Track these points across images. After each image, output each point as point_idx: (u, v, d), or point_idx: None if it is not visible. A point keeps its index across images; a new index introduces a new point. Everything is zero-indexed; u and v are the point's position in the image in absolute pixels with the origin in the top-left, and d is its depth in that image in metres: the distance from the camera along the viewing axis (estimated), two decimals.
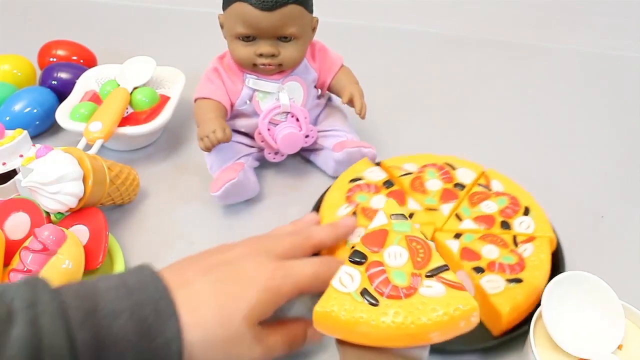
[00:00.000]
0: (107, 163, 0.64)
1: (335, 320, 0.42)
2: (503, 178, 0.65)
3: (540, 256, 0.56)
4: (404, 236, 0.46)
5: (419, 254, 0.45)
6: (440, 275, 0.44)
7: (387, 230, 0.47)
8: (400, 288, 0.43)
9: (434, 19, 1.13)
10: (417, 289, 0.42)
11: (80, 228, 0.60)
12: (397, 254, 0.45)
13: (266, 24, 0.62)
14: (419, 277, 0.43)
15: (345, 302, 0.42)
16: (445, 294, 0.42)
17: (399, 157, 0.69)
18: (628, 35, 1.08)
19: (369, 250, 0.45)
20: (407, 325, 0.41)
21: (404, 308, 0.41)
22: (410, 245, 0.46)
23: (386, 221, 0.47)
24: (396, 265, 0.44)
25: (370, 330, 0.41)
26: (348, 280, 0.44)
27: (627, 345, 0.48)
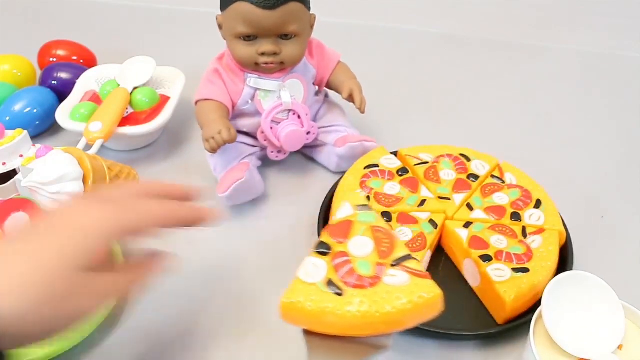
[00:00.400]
0: (107, 163, 0.64)
1: (302, 311, 0.42)
2: (517, 171, 0.67)
3: (548, 248, 0.57)
4: (369, 226, 0.46)
5: (384, 244, 0.45)
6: (404, 264, 0.44)
7: (352, 221, 0.47)
8: (365, 277, 0.43)
9: (434, 18, 1.13)
10: (382, 278, 0.43)
11: None
12: (362, 244, 0.45)
13: (268, 23, 0.62)
14: (384, 267, 0.44)
15: (311, 292, 0.42)
16: (409, 282, 0.43)
17: (415, 147, 0.70)
18: (628, 35, 1.08)
19: (334, 241, 0.46)
20: (372, 314, 0.41)
21: (369, 297, 0.42)
22: (375, 235, 0.46)
23: (352, 212, 0.48)
24: (361, 255, 0.45)
25: (336, 320, 0.41)
26: (314, 270, 0.44)
27: (627, 345, 0.48)
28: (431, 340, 0.56)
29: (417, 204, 0.63)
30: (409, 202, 0.63)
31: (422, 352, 0.55)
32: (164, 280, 0.61)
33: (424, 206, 0.63)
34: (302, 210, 0.69)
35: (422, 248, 0.58)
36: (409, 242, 0.58)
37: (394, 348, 0.55)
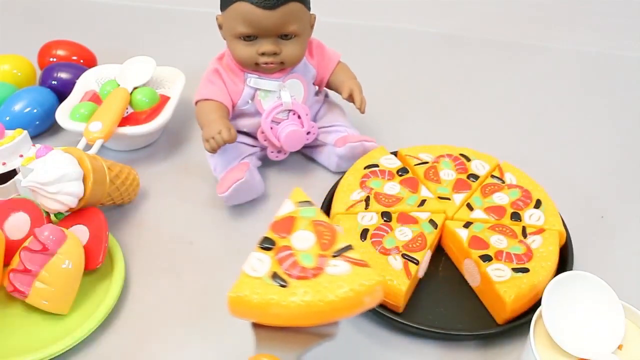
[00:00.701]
0: (107, 163, 0.64)
1: (248, 304, 0.43)
2: (517, 171, 0.67)
3: (548, 248, 0.58)
4: (311, 221, 0.48)
5: (325, 237, 0.47)
6: (345, 254, 0.45)
7: (295, 217, 0.48)
8: (308, 269, 0.44)
9: (434, 18, 1.13)
10: (324, 269, 0.44)
11: (81, 228, 0.60)
12: (304, 238, 0.47)
13: (268, 23, 0.62)
14: (326, 258, 0.45)
15: (256, 286, 0.43)
16: (351, 271, 0.44)
17: (415, 147, 0.70)
18: (628, 35, 1.08)
19: (277, 236, 0.47)
20: (315, 303, 0.42)
21: (312, 287, 0.43)
22: (317, 228, 0.47)
23: (293, 208, 0.49)
24: (303, 248, 0.46)
25: (282, 311, 0.43)
26: (258, 265, 0.45)
27: (627, 345, 0.48)
28: (431, 340, 0.56)
29: (417, 204, 0.63)
30: (409, 202, 0.63)
31: (422, 352, 0.55)
32: (162, 282, 0.61)
33: (424, 206, 0.63)
34: None
35: (422, 248, 0.58)
36: (409, 242, 0.58)
37: (394, 348, 0.55)
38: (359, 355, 0.55)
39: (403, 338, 0.56)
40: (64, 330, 0.55)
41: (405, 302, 0.57)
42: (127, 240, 0.65)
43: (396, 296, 0.55)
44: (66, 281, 0.55)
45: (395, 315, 0.56)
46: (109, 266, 0.61)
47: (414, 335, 0.56)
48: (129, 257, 0.63)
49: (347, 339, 0.56)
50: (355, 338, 0.56)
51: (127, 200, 0.69)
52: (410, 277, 0.55)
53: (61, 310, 0.56)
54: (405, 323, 0.55)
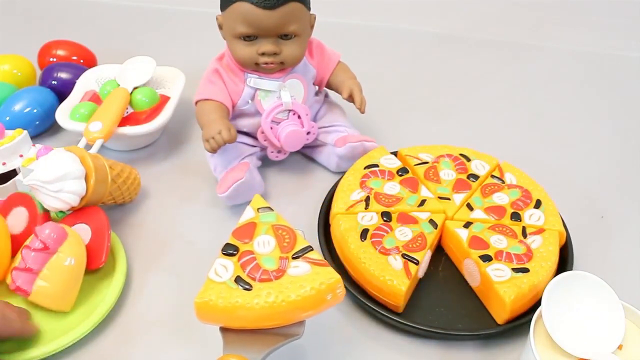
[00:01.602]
0: (108, 162, 0.64)
1: (214, 308, 0.45)
2: (517, 171, 0.67)
3: (548, 248, 0.58)
4: (271, 225, 0.50)
5: (285, 240, 0.49)
6: (305, 255, 0.47)
7: (255, 223, 0.50)
8: (270, 271, 0.46)
9: (434, 18, 1.13)
10: (286, 271, 0.46)
11: (83, 227, 0.60)
12: (265, 242, 0.49)
13: (268, 23, 0.62)
14: (287, 260, 0.47)
15: (221, 290, 0.45)
16: (311, 271, 0.46)
17: (415, 147, 0.70)
18: (628, 35, 1.08)
19: (240, 242, 0.49)
20: (278, 303, 0.44)
21: (275, 289, 0.45)
22: (277, 232, 0.49)
23: (254, 215, 0.51)
24: (265, 252, 0.48)
25: (247, 313, 0.44)
26: (222, 270, 0.47)
27: (627, 345, 0.48)
28: (431, 340, 0.56)
29: (417, 203, 0.63)
30: (409, 202, 0.63)
31: (422, 352, 0.55)
32: (162, 281, 0.61)
33: (424, 206, 0.63)
34: (302, 210, 0.69)
35: (422, 248, 0.58)
36: (409, 242, 0.58)
37: (394, 348, 0.55)
38: (359, 355, 0.55)
39: (403, 338, 0.56)
40: (66, 327, 0.55)
41: (405, 302, 0.57)
42: (127, 240, 0.65)
43: (396, 296, 0.55)
44: (68, 279, 0.55)
45: (395, 315, 0.56)
46: (112, 266, 0.61)
47: (414, 335, 0.56)
48: (129, 257, 0.63)
49: (347, 339, 0.56)
50: (356, 338, 0.56)
51: (129, 199, 0.69)
52: (410, 277, 0.55)
53: (63, 308, 0.56)
54: (405, 323, 0.55)
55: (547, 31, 1.10)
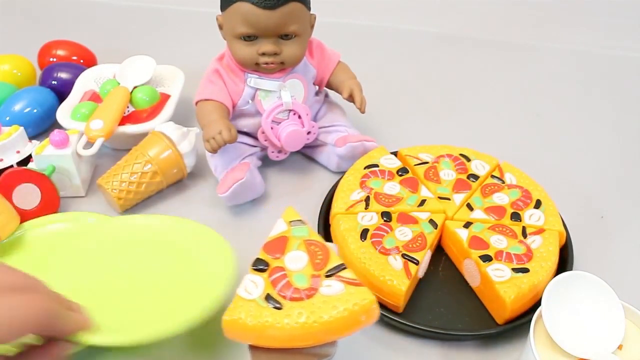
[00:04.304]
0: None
1: (244, 326, 0.43)
2: (517, 171, 0.67)
3: (548, 248, 0.58)
4: (303, 240, 0.48)
5: (318, 256, 0.47)
6: (338, 274, 0.45)
7: (287, 237, 0.48)
8: (302, 290, 0.44)
9: (434, 18, 1.13)
10: (318, 289, 0.44)
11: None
12: (297, 258, 0.47)
13: (268, 23, 0.62)
14: (319, 278, 0.45)
15: (251, 308, 0.44)
16: (344, 291, 0.44)
17: (415, 147, 0.70)
18: (628, 35, 1.08)
19: (270, 257, 0.47)
20: (310, 324, 0.42)
21: (306, 308, 0.43)
22: (309, 248, 0.47)
23: (286, 228, 0.49)
24: (297, 269, 0.46)
25: (277, 333, 0.43)
26: (252, 287, 0.45)
27: (627, 345, 0.48)
28: (431, 340, 0.56)
29: (417, 203, 0.63)
30: (409, 202, 0.63)
31: (422, 352, 0.55)
32: None
33: (424, 206, 0.63)
34: (302, 210, 0.68)
35: (422, 248, 0.58)
36: (409, 242, 0.58)
37: (394, 348, 0.55)
38: (359, 355, 0.55)
39: (403, 338, 0.56)
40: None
41: (405, 302, 0.57)
42: None
43: (396, 296, 0.55)
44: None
45: (395, 315, 0.56)
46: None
47: (414, 335, 0.56)
48: None
49: (347, 339, 0.56)
50: (355, 338, 0.56)
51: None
52: (410, 277, 0.55)
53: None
54: (405, 323, 0.55)
55: (547, 31, 1.10)
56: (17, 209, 0.65)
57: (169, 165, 0.69)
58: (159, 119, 0.75)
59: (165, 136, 0.69)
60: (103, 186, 0.68)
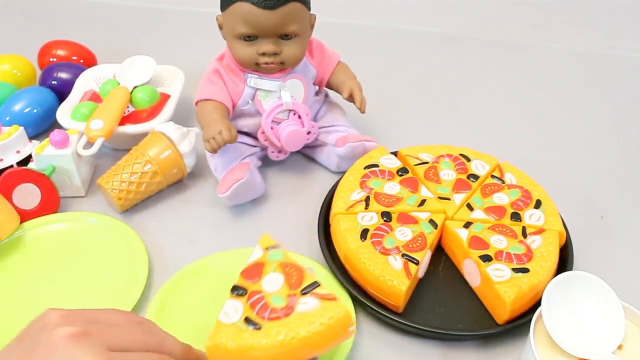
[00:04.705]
0: None
1: (226, 350, 0.44)
2: (517, 171, 0.67)
3: (548, 248, 0.58)
4: (279, 264, 0.50)
5: (293, 277, 0.48)
6: (313, 291, 0.47)
7: (263, 262, 0.50)
8: (279, 309, 0.46)
9: (434, 18, 1.13)
10: (294, 308, 0.46)
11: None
12: (273, 281, 0.48)
13: (268, 23, 0.62)
14: (295, 297, 0.47)
15: (231, 332, 0.45)
16: (320, 306, 0.46)
17: (415, 147, 0.70)
18: (628, 35, 1.08)
19: (248, 282, 0.49)
20: (289, 341, 0.44)
21: (284, 326, 0.45)
22: (285, 270, 0.49)
23: (262, 254, 0.51)
24: (273, 291, 0.48)
25: (259, 353, 0.44)
26: (232, 311, 0.47)
27: (627, 345, 0.48)
28: (431, 340, 0.56)
29: (417, 203, 0.63)
30: (409, 202, 0.63)
31: (422, 352, 0.55)
32: (163, 282, 0.61)
33: (424, 206, 0.63)
34: (302, 210, 0.69)
35: (422, 248, 0.58)
36: (409, 242, 0.58)
37: (394, 348, 0.55)
38: (359, 355, 0.55)
39: (403, 338, 0.56)
40: None
41: (405, 302, 0.57)
42: None
43: (396, 296, 0.55)
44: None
45: (395, 315, 0.56)
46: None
47: (414, 335, 0.56)
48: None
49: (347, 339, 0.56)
50: (356, 338, 0.56)
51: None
52: (410, 277, 0.55)
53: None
54: (405, 323, 0.55)
55: (548, 31, 1.10)
56: (17, 209, 0.65)
57: (169, 165, 0.69)
58: (159, 119, 0.75)
59: (165, 136, 0.69)
60: (103, 186, 0.68)
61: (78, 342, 0.35)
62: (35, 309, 0.54)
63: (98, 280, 0.61)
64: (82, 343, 0.35)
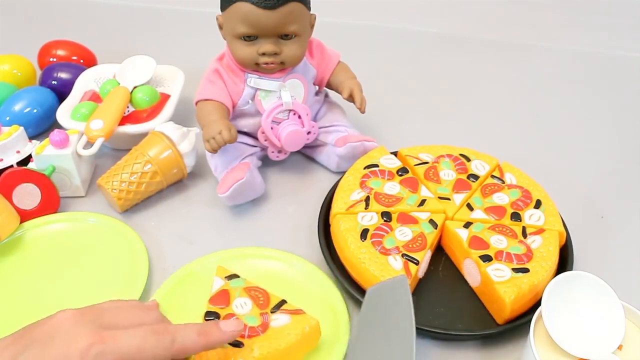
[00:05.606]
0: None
1: None
2: (517, 171, 0.67)
3: (548, 248, 0.58)
4: (242, 289, 0.55)
5: (260, 299, 0.54)
6: (282, 308, 0.53)
7: (227, 289, 0.55)
8: (256, 327, 0.51)
9: (434, 18, 1.13)
10: (269, 324, 0.51)
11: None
12: (242, 304, 0.53)
13: (268, 23, 0.62)
14: (267, 315, 0.52)
15: (216, 351, 0.48)
16: (291, 320, 0.51)
17: (415, 147, 0.70)
18: (628, 35, 1.08)
19: (218, 307, 0.53)
20: (271, 353, 0.49)
21: (264, 341, 0.49)
22: (250, 293, 0.54)
23: (223, 283, 0.55)
24: (245, 312, 0.52)
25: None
26: None
27: (627, 345, 0.48)
28: (431, 340, 0.56)
29: (417, 203, 0.63)
30: (409, 202, 0.63)
31: (422, 352, 0.55)
32: (163, 282, 0.61)
33: (423, 206, 0.63)
34: (302, 210, 0.69)
35: (422, 248, 0.58)
36: (409, 242, 0.58)
37: None
38: None
39: None
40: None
41: None
42: None
43: None
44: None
45: None
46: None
47: None
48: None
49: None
50: None
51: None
52: (411, 277, 0.55)
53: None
54: None
55: (547, 31, 1.10)
56: (17, 209, 0.65)
57: (169, 165, 0.69)
58: (159, 119, 0.75)
59: (165, 136, 0.69)
60: (103, 186, 0.68)
61: (76, 319, 0.40)
62: (35, 309, 0.55)
63: (98, 280, 0.61)
64: (80, 320, 0.40)
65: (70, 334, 0.39)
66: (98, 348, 0.39)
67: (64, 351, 0.38)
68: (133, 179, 0.67)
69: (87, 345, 0.38)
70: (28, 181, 0.65)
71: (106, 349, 0.39)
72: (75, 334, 0.39)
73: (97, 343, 0.39)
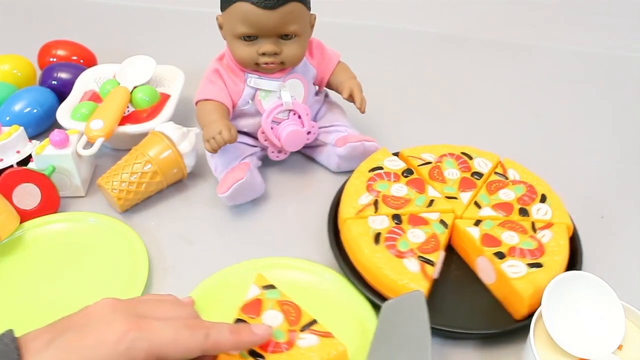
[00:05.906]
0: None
1: None
2: (519, 167, 0.67)
3: (559, 242, 0.58)
4: (276, 301, 0.53)
5: (291, 314, 0.52)
6: (311, 328, 0.51)
7: (261, 299, 0.53)
8: (281, 344, 0.49)
9: (434, 18, 1.13)
10: (295, 342, 0.50)
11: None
12: (273, 317, 0.52)
13: (268, 23, 0.62)
14: (295, 332, 0.50)
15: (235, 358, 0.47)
16: (319, 342, 0.50)
17: (417, 147, 0.70)
18: (628, 35, 1.08)
19: (248, 317, 0.52)
20: None
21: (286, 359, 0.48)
22: (283, 307, 0.53)
23: (259, 292, 0.54)
24: (274, 326, 0.51)
25: None
26: None
27: (627, 345, 0.48)
28: (432, 340, 0.56)
29: (425, 204, 0.62)
30: (417, 202, 0.63)
31: None
32: (162, 282, 0.61)
33: (432, 206, 0.62)
34: (302, 210, 0.69)
35: (435, 249, 0.57)
36: (422, 243, 0.58)
37: None
38: None
39: None
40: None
41: None
42: None
43: None
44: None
45: None
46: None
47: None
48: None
49: None
50: None
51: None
52: (428, 278, 0.55)
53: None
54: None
55: (547, 31, 1.10)
56: (17, 209, 0.65)
57: (169, 165, 0.69)
58: (159, 119, 0.75)
59: (165, 136, 0.69)
60: (103, 186, 0.68)
61: (114, 307, 0.42)
62: (35, 309, 0.55)
63: (98, 280, 0.61)
64: (118, 308, 0.42)
65: (107, 320, 0.41)
66: (134, 334, 0.40)
67: (100, 336, 0.40)
68: (133, 179, 0.67)
69: (123, 331, 0.40)
70: (28, 181, 0.65)
71: (142, 336, 0.40)
72: (112, 320, 0.41)
73: (133, 330, 0.40)
